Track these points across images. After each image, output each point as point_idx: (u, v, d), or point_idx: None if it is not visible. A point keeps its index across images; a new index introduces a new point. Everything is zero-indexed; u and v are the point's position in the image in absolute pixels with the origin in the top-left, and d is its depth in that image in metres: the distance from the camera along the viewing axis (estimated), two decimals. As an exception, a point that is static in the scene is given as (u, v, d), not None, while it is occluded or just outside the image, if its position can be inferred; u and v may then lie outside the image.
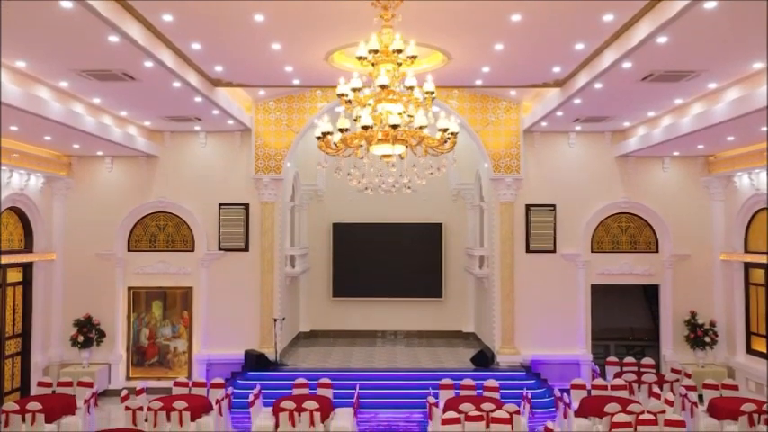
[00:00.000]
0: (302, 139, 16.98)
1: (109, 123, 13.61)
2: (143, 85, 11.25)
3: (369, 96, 7.01)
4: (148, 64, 9.98)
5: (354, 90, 6.93)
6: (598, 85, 11.24)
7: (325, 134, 7.17)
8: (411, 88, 6.95)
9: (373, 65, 7.03)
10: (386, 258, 19.95)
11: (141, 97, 12.41)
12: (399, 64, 7.04)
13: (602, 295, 16.58)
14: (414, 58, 7.02)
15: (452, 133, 7.31)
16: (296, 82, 12.84)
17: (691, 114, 12.40)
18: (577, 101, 12.60)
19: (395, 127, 6.61)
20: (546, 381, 15.55)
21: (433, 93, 7.11)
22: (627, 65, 9.93)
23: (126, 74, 10.54)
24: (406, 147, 7.13)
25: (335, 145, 7.16)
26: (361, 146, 7.05)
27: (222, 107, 13.41)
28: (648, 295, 17.07)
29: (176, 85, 11.31)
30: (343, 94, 6.93)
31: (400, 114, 7.04)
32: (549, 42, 10.24)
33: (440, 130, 7.16)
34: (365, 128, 6.63)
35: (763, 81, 10.07)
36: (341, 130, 6.93)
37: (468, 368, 15.65)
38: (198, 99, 12.53)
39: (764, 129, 11.73)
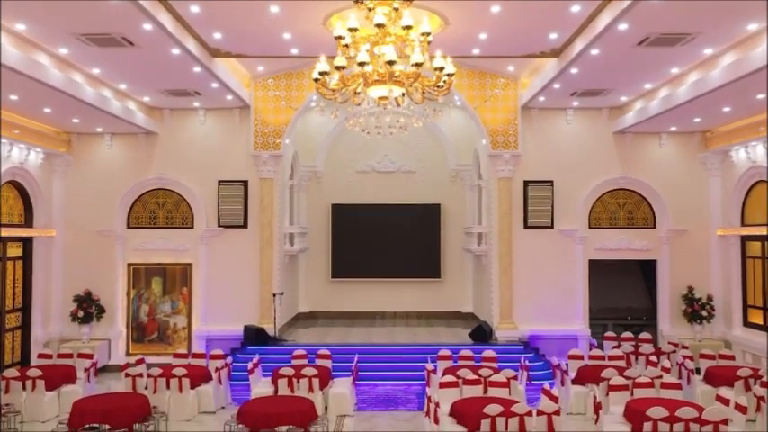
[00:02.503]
0: (301, 121, 17.05)
1: (108, 96, 13.67)
2: (142, 52, 11.30)
3: (365, 38, 7.06)
4: (147, 27, 10.04)
5: (351, 30, 6.98)
6: (594, 51, 11.30)
7: (322, 74, 7.24)
8: (408, 28, 7.01)
9: (370, 10, 7.09)
10: (385, 239, 20.01)
11: (140, 67, 12.48)
12: (396, 9, 7.10)
13: (600, 274, 16.63)
14: (410, 0, 7.08)
15: (448, 74, 7.35)
16: (294, 51, 12.90)
17: (687, 84, 12.47)
18: (574, 70, 12.66)
19: (391, 64, 6.67)
20: (544, 355, 15.60)
21: (429, 34, 7.17)
22: (622, 26, 9.98)
23: (125, 38, 10.59)
24: (403, 95, 7.18)
25: (332, 91, 7.22)
26: (358, 93, 7.10)
27: (221, 79, 13.47)
28: (646, 273, 17.13)
29: (175, 52, 11.36)
30: (340, 37, 7.00)
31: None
32: (546, 4, 10.31)
33: (435, 69, 7.21)
34: (362, 64, 6.69)
35: (758, 42, 10.14)
36: (338, 68, 6.99)
37: (467, 343, 15.70)
38: (197, 69, 12.59)
39: (761, 96, 11.79)
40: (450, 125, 19.82)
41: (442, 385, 11.07)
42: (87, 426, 9.79)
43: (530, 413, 9.13)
